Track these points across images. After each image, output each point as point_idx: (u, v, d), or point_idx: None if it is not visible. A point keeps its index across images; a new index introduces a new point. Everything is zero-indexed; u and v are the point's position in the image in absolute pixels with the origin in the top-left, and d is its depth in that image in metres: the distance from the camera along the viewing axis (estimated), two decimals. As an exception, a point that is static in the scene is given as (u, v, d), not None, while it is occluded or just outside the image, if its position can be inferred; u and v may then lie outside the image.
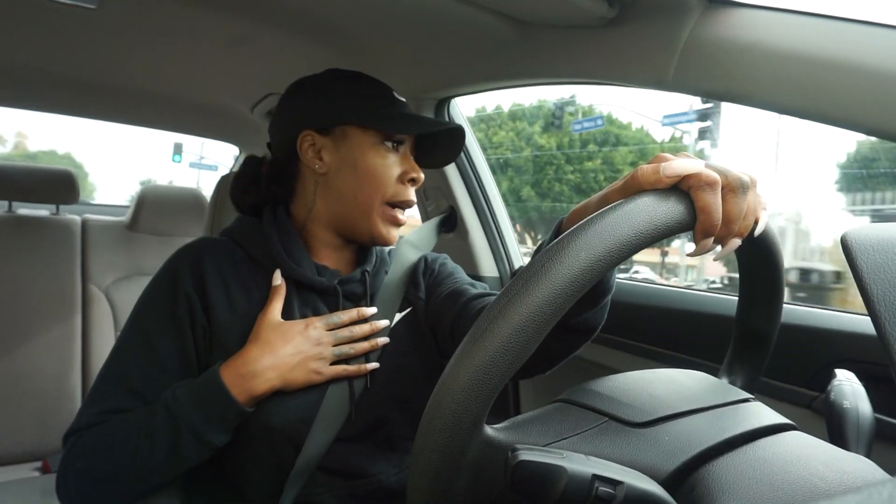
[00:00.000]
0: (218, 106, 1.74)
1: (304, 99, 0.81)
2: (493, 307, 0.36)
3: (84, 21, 1.11)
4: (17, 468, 1.51)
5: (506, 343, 0.34)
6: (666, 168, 0.40)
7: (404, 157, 0.80)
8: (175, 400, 0.68)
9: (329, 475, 0.75)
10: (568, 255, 0.36)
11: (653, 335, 1.06)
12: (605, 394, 0.45)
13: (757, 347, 0.56)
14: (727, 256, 0.46)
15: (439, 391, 0.36)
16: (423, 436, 0.36)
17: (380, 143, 0.78)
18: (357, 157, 0.77)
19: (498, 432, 0.39)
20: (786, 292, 0.54)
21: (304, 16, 1.05)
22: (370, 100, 0.79)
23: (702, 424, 0.43)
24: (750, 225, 0.43)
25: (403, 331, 0.83)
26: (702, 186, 0.40)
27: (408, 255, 0.91)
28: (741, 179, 0.41)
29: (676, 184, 0.40)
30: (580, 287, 0.36)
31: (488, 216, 1.43)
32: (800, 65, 0.64)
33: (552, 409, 0.45)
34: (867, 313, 0.36)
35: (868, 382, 0.51)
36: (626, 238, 0.37)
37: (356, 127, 0.77)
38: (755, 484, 0.36)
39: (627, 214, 0.37)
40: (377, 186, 0.77)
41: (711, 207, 0.40)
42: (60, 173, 1.77)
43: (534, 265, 0.36)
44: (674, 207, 0.40)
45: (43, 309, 1.62)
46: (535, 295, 0.35)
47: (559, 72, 0.97)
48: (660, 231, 0.38)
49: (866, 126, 0.61)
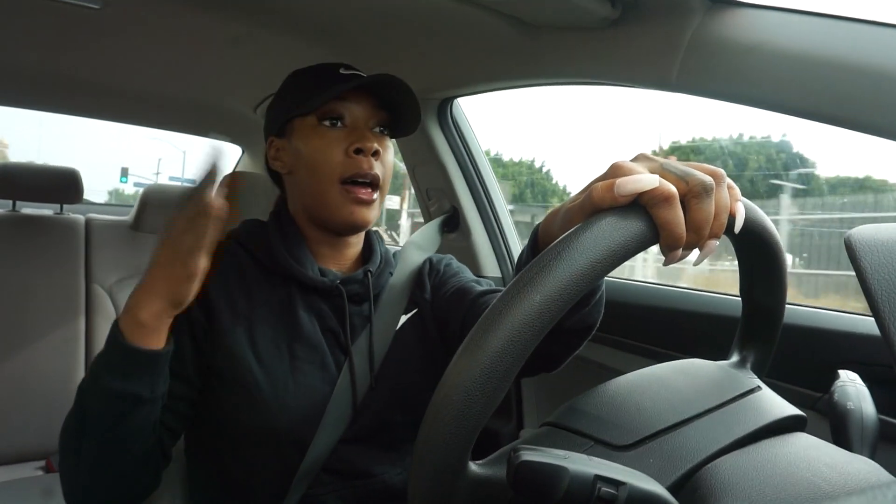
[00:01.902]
0: (220, 106, 1.74)
1: (269, 109, 0.84)
2: (462, 350, 0.36)
3: (87, 21, 1.12)
4: (20, 467, 1.52)
5: (469, 391, 0.34)
6: (619, 187, 0.38)
7: (352, 130, 0.75)
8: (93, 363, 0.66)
9: (333, 476, 0.75)
10: (526, 297, 0.35)
11: (655, 335, 1.06)
12: (593, 413, 0.44)
13: (766, 322, 0.54)
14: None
15: (419, 442, 0.36)
16: (412, 482, 0.37)
17: (318, 125, 0.75)
18: (301, 146, 0.76)
19: (483, 468, 0.39)
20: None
21: (307, 16, 1.05)
22: (309, 86, 0.77)
23: (691, 437, 0.42)
24: (723, 224, 0.40)
25: (409, 333, 0.83)
26: (658, 203, 0.37)
27: (413, 257, 0.91)
28: (703, 183, 0.38)
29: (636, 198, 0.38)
30: (540, 329, 0.35)
31: (490, 216, 1.43)
32: (803, 65, 0.64)
33: (538, 434, 0.44)
34: (871, 314, 0.36)
35: (872, 383, 0.51)
36: (582, 272, 0.35)
37: (298, 118, 0.77)
38: (758, 485, 0.36)
39: (582, 246, 0.36)
40: (323, 167, 0.74)
41: (672, 222, 0.37)
42: (65, 172, 1.78)
43: (490, 313, 0.36)
44: (633, 227, 0.37)
45: (46, 308, 1.63)
46: (492, 345, 0.34)
47: (562, 73, 0.97)
48: (619, 255, 0.37)
49: (870, 126, 0.61)
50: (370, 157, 0.74)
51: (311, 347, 0.76)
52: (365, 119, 0.77)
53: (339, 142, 0.75)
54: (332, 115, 0.75)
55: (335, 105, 0.75)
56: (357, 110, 0.76)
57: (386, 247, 0.89)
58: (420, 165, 1.47)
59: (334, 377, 0.76)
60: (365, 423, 0.76)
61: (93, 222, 1.81)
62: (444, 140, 1.39)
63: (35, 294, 1.63)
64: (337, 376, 0.76)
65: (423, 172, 1.48)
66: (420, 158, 1.45)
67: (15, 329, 1.58)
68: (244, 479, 0.75)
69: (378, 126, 0.79)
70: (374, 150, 0.74)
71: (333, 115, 0.75)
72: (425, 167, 1.45)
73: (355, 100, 0.76)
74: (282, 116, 0.79)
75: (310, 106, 0.75)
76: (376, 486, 0.77)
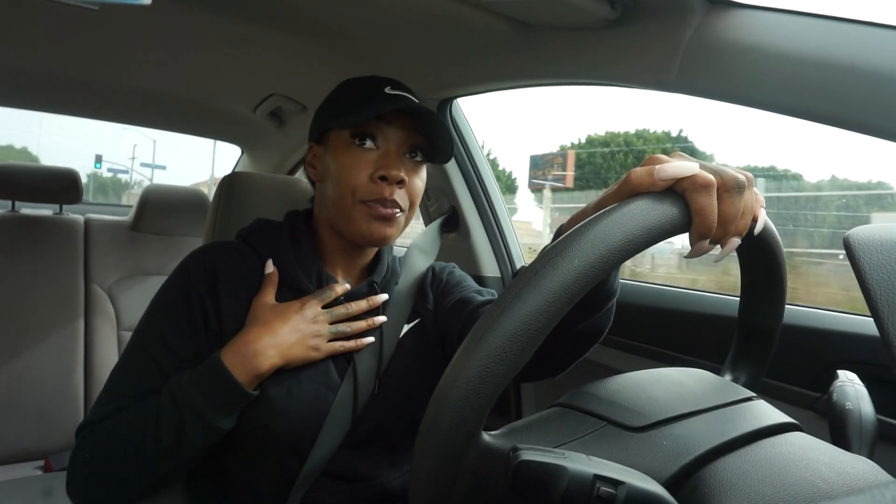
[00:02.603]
0: (220, 106, 1.74)
1: (315, 115, 0.84)
2: (488, 316, 0.36)
3: (86, 22, 1.12)
4: (19, 467, 1.52)
5: (500, 352, 0.34)
6: (660, 171, 0.40)
7: (384, 154, 0.75)
8: (178, 386, 0.68)
9: (332, 480, 0.75)
10: (561, 263, 0.35)
11: (655, 336, 1.06)
12: (604, 397, 0.45)
13: (760, 344, 0.55)
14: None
15: (436, 400, 0.36)
16: (422, 444, 0.36)
17: (350, 142, 0.75)
18: (332, 160, 0.76)
19: (496, 439, 0.39)
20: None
21: (307, 17, 1.05)
22: (351, 100, 0.77)
23: (701, 427, 0.42)
24: (748, 224, 0.42)
25: (411, 342, 0.83)
26: (697, 188, 0.39)
27: (417, 264, 0.91)
28: (737, 179, 0.41)
29: (671, 186, 0.40)
30: (574, 294, 0.35)
31: (490, 216, 1.43)
32: (803, 66, 0.64)
33: (551, 413, 0.45)
34: (870, 314, 0.36)
35: (870, 383, 0.51)
36: (619, 244, 0.36)
37: (336, 130, 0.77)
38: (757, 485, 0.36)
39: (620, 219, 0.37)
40: (346, 186, 0.74)
41: (707, 209, 0.39)
42: (64, 173, 1.78)
43: (527, 273, 0.36)
44: (668, 210, 0.39)
45: (45, 308, 1.63)
46: (528, 303, 0.35)
47: (562, 73, 0.97)
48: (654, 235, 0.38)
49: (869, 127, 0.61)
50: (393, 185, 0.73)
51: None
52: (398, 144, 0.76)
53: (367, 165, 0.74)
54: (366, 135, 0.74)
55: (370, 125, 0.74)
56: (391, 133, 0.75)
57: (394, 254, 0.89)
58: (419, 166, 1.47)
59: (337, 384, 0.76)
60: (365, 429, 0.76)
61: (92, 223, 1.81)
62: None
63: (34, 294, 1.63)
64: (339, 383, 0.76)
65: (423, 173, 1.48)
66: (419, 159, 1.45)
67: (14, 329, 1.58)
68: (244, 483, 0.75)
69: (411, 151, 0.77)
70: (398, 180, 0.73)
71: (367, 134, 0.74)
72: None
73: (393, 122, 0.75)
74: (321, 124, 0.80)
75: (346, 122, 0.75)
76: (376, 489, 0.77)
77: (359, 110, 0.74)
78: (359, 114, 0.73)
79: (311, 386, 0.74)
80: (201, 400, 0.67)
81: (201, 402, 0.67)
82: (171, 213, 1.87)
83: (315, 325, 0.74)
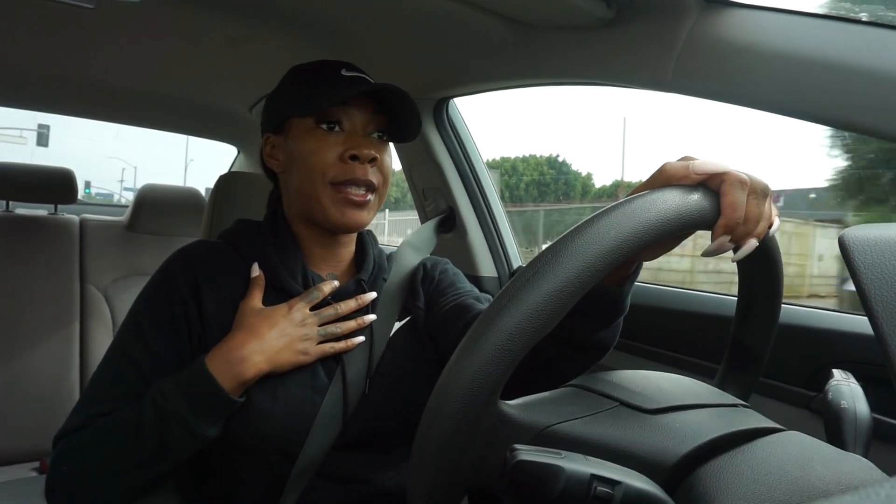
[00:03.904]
0: (216, 106, 1.74)
1: (266, 105, 0.83)
2: (522, 275, 0.37)
3: (82, 21, 1.11)
4: (14, 468, 1.51)
5: (535, 311, 0.35)
6: (695, 165, 0.43)
7: (349, 135, 0.74)
8: (161, 394, 0.66)
9: (326, 481, 0.74)
10: (597, 232, 0.37)
11: (653, 336, 1.06)
12: (616, 382, 0.46)
13: (749, 366, 0.57)
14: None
15: (460, 355, 0.36)
16: (439, 400, 0.36)
17: (315, 127, 0.74)
18: (297, 147, 0.75)
19: (511, 408, 0.40)
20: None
21: (303, 16, 1.05)
22: (309, 86, 0.76)
23: (709, 417, 0.43)
24: (765, 229, 0.45)
25: (402, 340, 0.82)
26: (732, 183, 0.42)
27: (408, 260, 0.90)
28: (763, 184, 0.44)
29: (703, 182, 0.43)
30: (607, 264, 0.37)
31: (487, 217, 1.43)
32: (798, 66, 0.64)
33: (565, 391, 0.45)
34: (864, 313, 0.36)
35: (866, 382, 0.51)
36: (652, 223, 0.38)
37: (297, 118, 0.76)
38: (753, 484, 0.37)
39: (656, 201, 0.39)
40: (314, 170, 0.73)
41: (738, 204, 0.42)
42: (59, 172, 1.77)
43: (564, 239, 0.37)
44: (700, 201, 0.42)
45: (41, 309, 1.62)
46: (566, 265, 0.36)
47: (558, 72, 0.97)
48: (684, 221, 0.40)
49: (865, 127, 0.61)
50: (365, 165, 0.73)
51: None
52: (363, 125, 0.76)
53: (335, 146, 0.73)
54: (331, 119, 0.74)
55: (334, 109, 0.74)
56: (356, 115, 0.75)
57: (379, 248, 0.88)
58: (416, 165, 1.47)
59: (325, 386, 0.74)
60: (357, 430, 0.75)
61: (87, 223, 1.80)
62: (441, 140, 1.39)
63: (29, 295, 1.62)
64: (327, 385, 0.75)
65: (420, 172, 1.48)
66: (416, 158, 1.45)
67: (9, 330, 1.57)
68: (233, 486, 0.74)
69: (377, 131, 0.77)
70: (371, 158, 0.73)
71: (332, 118, 0.74)
72: (422, 167, 1.45)
73: (355, 104, 0.75)
74: (280, 114, 0.78)
75: (310, 108, 0.74)
76: (370, 490, 0.76)
77: (321, 95, 0.73)
78: (323, 99, 0.73)
79: (297, 389, 0.72)
80: (185, 408, 0.65)
81: (185, 410, 0.65)
82: (167, 212, 1.87)
83: (303, 328, 0.72)
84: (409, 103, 0.75)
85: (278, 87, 0.81)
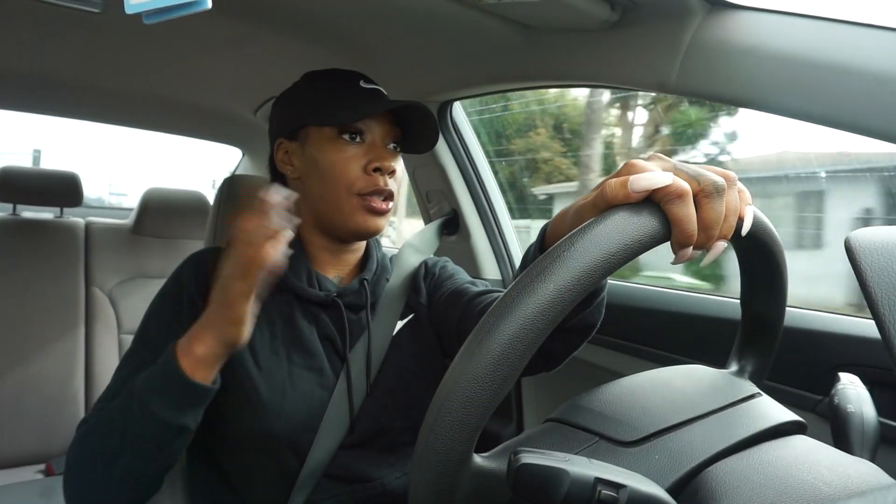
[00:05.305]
0: (221, 109, 1.74)
1: (278, 109, 0.84)
2: (469, 345, 0.36)
3: (89, 25, 1.12)
4: (20, 471, 1.52)
5: (482, 381, 0.34)
6: (633, 183, 0.38)
7: (370, 147, 0.77)
8: (136, 384, 0.65)
9: (332, 481, 0.75)
10: (538, 288, 0.35)
11: (655, 337, 1.06)
12: (597, 410, 0.44)
13: (765, 333, 0.54)
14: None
15: (424, 430, 0.36)
16: (415, 474, 0.36)
17: (337, 137, 0.76)
18: (317, 156, 0.76)
19: (487, 460, 0.39)
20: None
21: (308, 19, 1.06)
22: (329, 95, 0.78)
23: (697, 436, 0.42)
24: (732, 226, 0.41)
25: (406, 338, 0.83)
26: (671, 199, 0.38)
27: (410, 260, 0.91)
28: (715, 183, 0.39)
29: (649, 196, 0.39)
30: (552, 319, 0.35)
31: (490, 218, 1.43)
32: (803, 68, 0.64)
33: (543, 429, 0.45)
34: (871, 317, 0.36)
35: (872, 386, 0.51)
36: (596, 263, 0.36)
37: (316, 126, 0.77)
38: (759, 488, 0.36)
39: (597, 238, 0.36)
40: (340, 181, 0.75)
41: (685, 219, 0.38)
42: (65, 176, 1.78)
43: (504, 300, 0.36)
44: (646, 223, 0.38)
45: (46, 312, 1.63)
46: (505, 333, 0.34)
47: (562, 75, 0.97)
48: (633, 250, 0.37)
49: (870, 129, 0.61)
50: (386, 175, 0.76)
51: (309, 354, 0.76)
52: (382, 136, 0.78)
53: (358, 158, 0.76)
54: (353, 131, 0.76)
55: (357, 122, 0.76)
56: (376, 128, 0.78)
57: (383, 251, 0.89)
58: (420, 168, 1.48)
59: (332, 384, 0.76)
60: (363, 428, 0.76)
61: (93, 226, 1.81)
62: (444, 142, 1.39)
63: (35, 297, 1.63)
64: (335, 382, 0.76)
65: (423, 175, 1.48)
66: (420, 161, 1.45)
67: (15, 332, 1.58)
68: (243, 484, 0.75)
69: (393, 143, 0.80)
70: (391, 170, 0.76)
71: (354, 130, 0.77)
72: (425, 169, 1.46)
73: (376, 117, 0.77)
74: (295, 121, 0.79)
75: (337, 120, 0.76)
76: (376, 490, 0.77)
77: (343, 107, 0.76)
78: (351, 111, 0.75)
79: (304, 384, 0.74)
80: (152, 394, 0.64)
81: (152, 397, 0.63)
82: (172, 215, 1.87)
83: (234, 287, 0.63)
84: (429, 120, 0.78)
85: (291, 93, 0.82)
